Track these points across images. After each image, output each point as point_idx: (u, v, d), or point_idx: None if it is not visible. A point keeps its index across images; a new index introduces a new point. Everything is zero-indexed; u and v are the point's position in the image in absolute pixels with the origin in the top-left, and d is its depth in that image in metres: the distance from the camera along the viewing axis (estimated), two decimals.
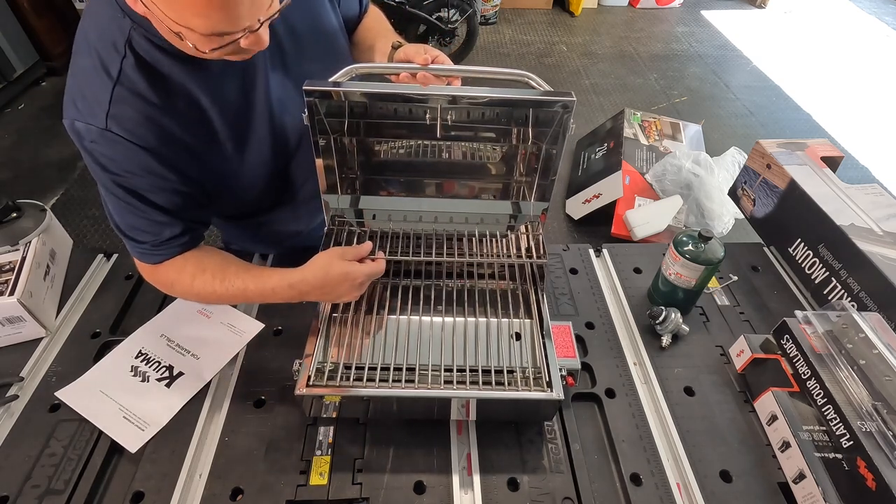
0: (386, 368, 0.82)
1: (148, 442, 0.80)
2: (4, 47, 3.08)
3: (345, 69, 0.75)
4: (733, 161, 2.44)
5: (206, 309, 0.97)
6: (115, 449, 0.80)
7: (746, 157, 1.31)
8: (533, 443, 0.82)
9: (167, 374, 0.88)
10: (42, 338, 0.95)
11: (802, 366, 0.81)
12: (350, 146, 0.86)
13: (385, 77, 0.83)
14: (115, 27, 0.67)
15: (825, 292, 1.01)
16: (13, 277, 0.91)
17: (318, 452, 0.79)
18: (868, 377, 0.74)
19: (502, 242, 0.98)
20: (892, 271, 0.88)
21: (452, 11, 3.43)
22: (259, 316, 0.98)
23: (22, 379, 0.88)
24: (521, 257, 0.95)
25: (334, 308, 0.90)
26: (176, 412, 0.84)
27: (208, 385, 0.88)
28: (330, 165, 0.85)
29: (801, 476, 0.74)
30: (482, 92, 0.75)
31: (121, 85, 0.68)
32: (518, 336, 0.89)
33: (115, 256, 1.12)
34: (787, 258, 1.12)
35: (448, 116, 0.80)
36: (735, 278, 1.09)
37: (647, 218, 2.28)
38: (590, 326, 1.00)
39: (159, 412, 0.83)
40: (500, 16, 4.49)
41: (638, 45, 4.20)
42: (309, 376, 0.76)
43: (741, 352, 0.91)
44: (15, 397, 0.85)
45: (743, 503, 0.76)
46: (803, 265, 1.07)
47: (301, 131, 0.89)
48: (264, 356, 0.92)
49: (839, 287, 0.98)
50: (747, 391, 0.89)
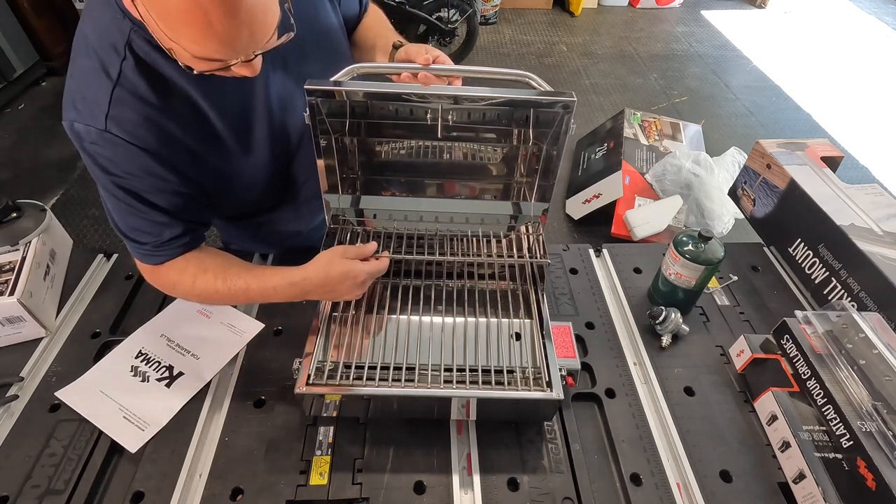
0: (386, 368, 0.82)
1: (148, 442, 0.80)
2: (4, 47, 3.08)
3: (346, 69, 0.75)
4: (733, 161, 2.44)
5: (206, 309, 0.97)
6: (115, 449, 0.80)
7: (746, 157, 1.31)
8: (533, 443, 0.82)
9: (167, 374, 0.88)
10: (42, 338, 0.95)
11: (802, 366, 0.81)
12: (351, 146, 0.86)
13: (386, 77, 0.83)
14: (115, 29, 0.67)
15: (825, 292, 1.01)
16: (13, 277, 0.92)
17: (318, 452, 0.79)
18: (868, 377, 0.74)
19: (503, 243, 0.98)
20: (892, 271, 0.88)
21: (452, 11, 3.43)
22: (259, 316, 0.98)
23: (22, 379, 0.88)
24: (522, 257, 0.95)
25: (334, 307, 0.90)
26: (176, 412, 0.84)
27: (208, 385, 0.88)
28: (331, 165, 0.85)
29: (801, 476, 0.74)
30: (483, 92, 0.75)
31: (120, 86, 0.68)
32: (518, 336, 0.89)
33: (115, 256, 1.12)
34: (787, 258, 1.12)
35: (449, 117, 0.80)
36: (735, 278, 1.09)
37: (647, 218, 2.29)
38: (590, 326, 1.00)
39: (159, 412, 0.83)
40: (500, 16, 4.49)
41: (638, 45, 4.20)
42: (309, 375, 0.76)
43: (741, 352, 0.91)
44: (15, 397, 0.85)
45: (743, 503, 0.76)
46: (803, 265, 1.07)
47: (302, 131, 0.90)
48: (264, 356, 0.92)
49: (839, 287, 0.98)
50: (747, 391, 0.89)
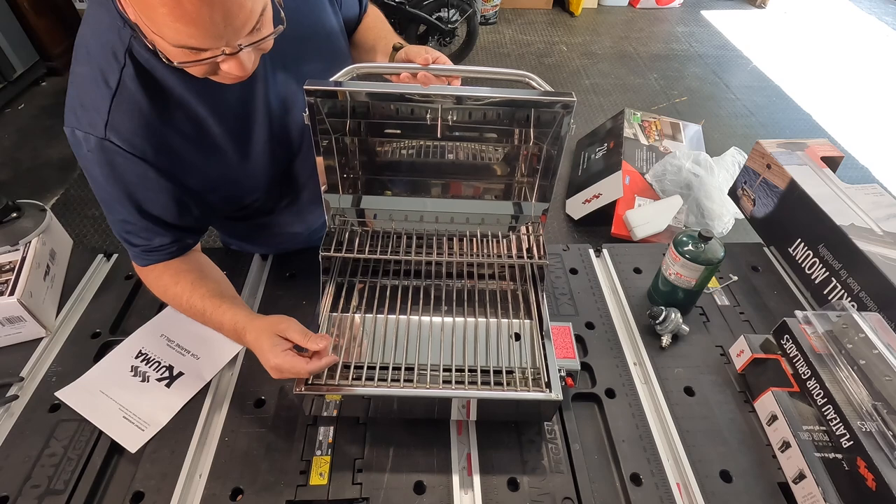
0: (386, 368, 0.82)
1: (148, 442, 0.80)
2: (4, 47, 3.08)
3: (346, 69, 0.75)
4: (733, 161, 2.44)
5: None
6: (115, 449, 0.80)
7: (746, 157, 1.31)
8: (533, 443, 0.82)
9: (167, 374, 0.88)
10: (42, 338, 0.95)
11: (802, 366, 0.81)
12: (351, 146, 0.86)
13: (385, 78, 0.83)
14: (116, 35, 0.67)
15: (825, 292, 1.01)
16: (13, 277, 0.92)
17: (318, 452, 0.79)
18: (868, 377, 0.74)
19: (503, 243, 0.98)
20: (892, 271, 0.88)
21: (452, 11, 3.43)
22: None
23: (22, 379, 0.88)
24: (522, 258, 0.95)
25: (334, 307, 0.90)
26: (176, 412, 0.84)
27: (208, 385, 0.88)
28: (331, 165, 0.85)
29: (801, 476, 0.74)
30: (483, 92, 0.75)
31: (120, 95, 0.68)
32: (518, 336, 0.89)
33: (115, 256, 1.12)
34: (787, 258, 1.12)
35: (449, 117, 0.80)
36: (735, 278, 1.09)
37: (647, 218, 2.28)
38: (590, 326, 1.00)
39: (159, 412, 0.83)
40: (500, 16, 4.50)
41: (638, 45, 4.20)
42: None
43: (741, 352, 0.91)
44: (15, 397, 0.85)
45: (743, 503, 0.76)
46: (803, 265, 1.07)
47: (303, 133, 0.90)
48: None
49: (839, 287, 0.98)
50: (747, 391, 0.89)
